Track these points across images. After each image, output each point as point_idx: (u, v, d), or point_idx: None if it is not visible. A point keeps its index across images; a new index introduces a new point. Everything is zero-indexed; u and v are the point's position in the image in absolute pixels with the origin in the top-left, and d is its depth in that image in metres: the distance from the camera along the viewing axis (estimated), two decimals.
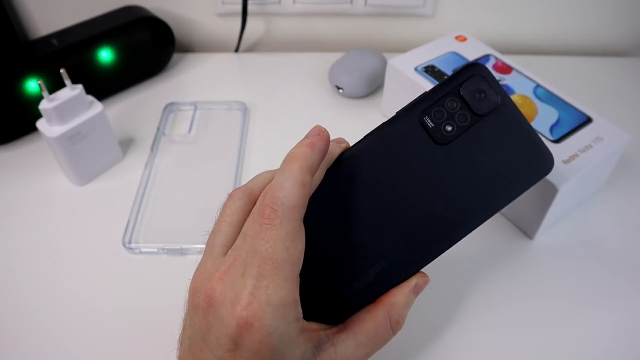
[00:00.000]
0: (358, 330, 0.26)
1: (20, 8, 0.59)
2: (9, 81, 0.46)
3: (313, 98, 0.54)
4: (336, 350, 0.25)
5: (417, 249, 0.27)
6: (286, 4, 0.59)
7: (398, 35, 0.62)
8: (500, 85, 0.28)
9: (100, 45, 0.50)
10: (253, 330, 0.23)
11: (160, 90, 0.55)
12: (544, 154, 0.28)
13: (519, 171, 0.27)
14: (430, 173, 0.27)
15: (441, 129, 0.27)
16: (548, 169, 0.28)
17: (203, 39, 0.63)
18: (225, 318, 0.23)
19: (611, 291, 0.37)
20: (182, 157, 0.48)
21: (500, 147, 0.27)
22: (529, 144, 0.27)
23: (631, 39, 0.62)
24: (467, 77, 0.28)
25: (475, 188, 0.27)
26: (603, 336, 0.35)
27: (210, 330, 0.24)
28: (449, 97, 0.27)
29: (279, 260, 0.23)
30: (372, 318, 0.26)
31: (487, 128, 0.27)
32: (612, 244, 0.41)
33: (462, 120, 0.27)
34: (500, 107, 0.27)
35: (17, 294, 0.38)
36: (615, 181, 0.44)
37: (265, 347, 0.23)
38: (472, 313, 0.36)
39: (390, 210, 0.27)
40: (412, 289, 0.27)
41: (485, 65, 0.28)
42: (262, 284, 0.23)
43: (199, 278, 0.26)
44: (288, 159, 0.25)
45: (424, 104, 0.27)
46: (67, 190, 0.45)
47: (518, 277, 0.38)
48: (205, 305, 0.24)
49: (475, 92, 0.27)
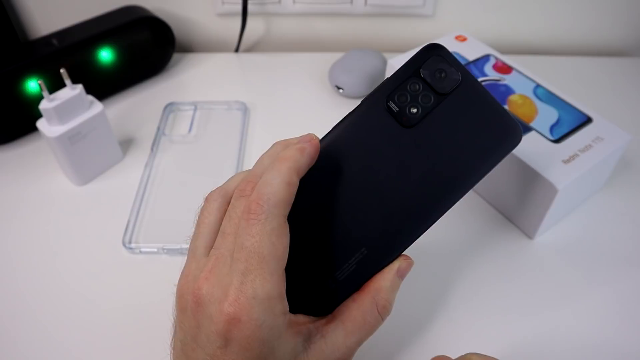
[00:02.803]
0: (346, 319, 0.26)
1: (21, 8, 0.59)
2: (9, 81, 0.46)
3: (313, 98, 0.54)
4: (326, 342, 0.26)
5: (396, 234, 0.27)
6: (286, 4, 0.59)
7: (398, 35, 0.62)
8: (460, 63, 0.28)
9: (101, 45, 0.50)
10: (241, 325, 0.23)
11: (161, 90, 0.55)
12: (511, 126, 0.28)
13: (489, 145, 0.27)
14: (401, 157, 0.27)
15: (406, 112, 0.27)
16: (517, 140, 0.28)
17: (203, 39, 0.63)
18: (214, 315, 0.23)
19: (611, 291, 0.37)
20: (182, 157, 0.48)
21: (467, 123, 0.27)
22: (495, 117, 0.27)
23: (631, 39, 0.62)
24: (426, 58, 0.28)
25: (447, 167, 0.27)
26: (603, 336, 0.35)
27: (200, 329, 0.24)
28: (411, 79, 0.28)
29: (265, 255, 0.23)
30: (359, 306, 0.27)
31: (451, 106, 0.27)
32: (612, 244, 0.41)
33: (426, 101, 0.27)
34: (462, 84, 0.27)
35: (17, 294, 0.38)
36: (615, 181, 0.44)
37: (254, 341, 0.23)
38: (472, 313, 0.36)
39: (366, 198, 0.27)
40: (396, 272, 0.27)
41: (442, 45, 0.28)
42: (248, 279, 0.23)
43: (185, 281, 0.26)
44: (278, 159, 0.25)
45: (387, 89, 0.28)
46: (67, 190, 0.45)
47: (518, 277, 0.38)
48: (193, 306, 0.24)
49: (435, 72, 0.27)
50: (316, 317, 0.27)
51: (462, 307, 0.36)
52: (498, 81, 0.45)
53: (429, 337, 0.35)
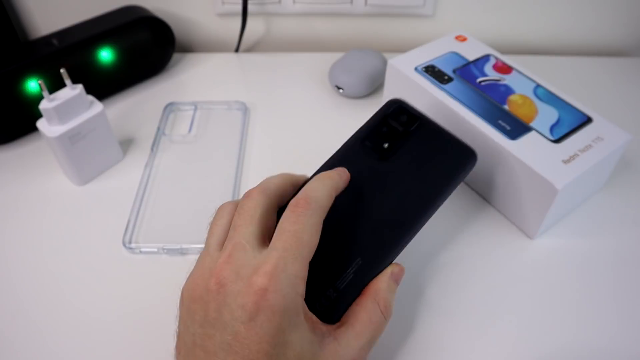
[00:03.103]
0: (354, 322, 0.28)
1: (21, 8, 0.59)
2: (9, 81, 0.46)
3: (313, 98, 0.54)
4: (339, 343, 0.27)
5: (385, 243, 0.31)
6: (286, 4, 0.59)
7: (398, 35, 0.62)
8: (416, 109, 0.35)
9: (101, 45, 0.50)
10: (268, 295, 0.24)
11: (161, 90, 0.55)
12: (467, 151, 0.34)
13: (450, 169, 0.33)
14: (382, 182, 0.33)
15: (381, 148, 0.34)
16: (473, 162, 0.34)
17: (203, 39, 0.63)
18: (242, 290, 0.25)
19: (611, 291, 0.37)
20: (182, 157, 0.48)
21: (431, 152, 0.34)
22: (453, 146, 0.34)
23: (631, 39, 0.62)
24: (390, 109, 0.36)
25: (419, 187, 0.33)
26: (603, 336, 0.35)
27: (222, 311, 0.25)
28: (381, 124, 0.35)
29: (304, 240, 0.26)
30: (363, 307, 0.29)
31: (415, 141, 0.34)
32: (612, 244, 0.41)
33: (396, 139, 0.34)
34: (421, 123, 0.35)
35: (17, 294, 0.38)
36: (615, 181, 0.44)
37: (278, 313, 0.24)
38: (471, 312, 0.36)
39: (357, 216, 0.32)
40: (390, 276, 0.30)
41: (401, 99, 0.36)
42: (283, 256, 0.25)
43: (199, 273, 0.27)
44: (321, 175, 0.30)
45: (363, 133, 0.35)
46: (67, 190, 0.45)
47: (518, 277, 0.38)
48: (215, 288, 0.25)
49: (399, 117, 0.35)
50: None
51: (461, 306, 0.36)
52: (498, 81, 0.45)
53: (428, 337, 0.35)
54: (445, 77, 0.45)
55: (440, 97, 0.43)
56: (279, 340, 0.24)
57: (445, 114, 0.43)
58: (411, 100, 0.47)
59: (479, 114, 0.42)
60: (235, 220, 0.28)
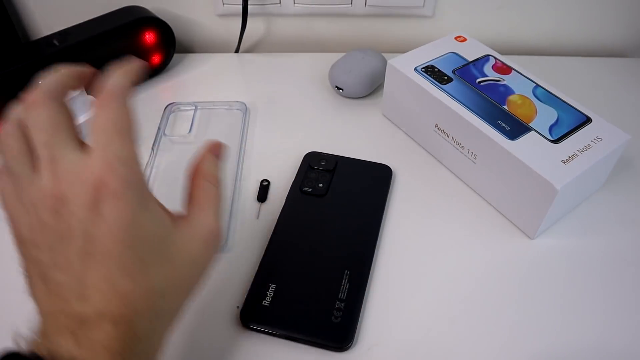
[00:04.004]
0: (194, 201, 0.30)
1: (22, 8, 0.59)
2: (10, 81, 0.46)
3: (313, 98, 0.54)
4: (190, 221, 0.28)
5: (360, 251, 0.39)
6: (286, 5, 0.59)
7: (398, 36, 0.62)
8: (328, 154, 0.46)
9: (101, 46, 0.50)
10: (106, 183, 0.24)
11: (161, 90, 0.56)
12: (382, 169, 0.45)
13: (378, 183, 0.44)
14: (332, 212, 0.42)
15: (318, 189, 0.43)
16: (390, 175, 0.45)
17: (204, 39, 0.63)
18: (81, 191, 0.24)
19: (611, 291, 0.38)
20: (182, 157, 0.47)
21: (358, 178, 0.44)
22: (370, 169, 0.45)
23: (631, 39, 0.63)
24: (310, 159, 0.46)
25: (363, 204, 0.42)
26: (603, 336, 0.35)
27: (70, 218, 0.24)
28: (309, 171, 0.45)
29: (122, 122, 0.26)
30: (196, 187, 0.30)
31: (340, 175, 0.44)
32: (612, 244, 0.41)
33: (325, 178, 0.44)
34: (339, 162, 0.45)
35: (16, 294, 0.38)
36: (615, 181, 0.44)
37: (120, 198, 0.24)
38: (471, 312, 0.36)
39: (330, 242, 0.39)
40: (209, 153, 0.32)
41: (314, 151, 0.46)
42: (108, 142, 0.25)
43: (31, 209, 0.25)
44: (115, 69, 0.29)
45: (299, 183, 0.43)
46: None
47: (518, 277, 0.38)
48: (54, 207, 0.24)
49: (319, 162, 0.45)
50: (340, 339, 0.33)
51: (461, 306, 0.37)
52: (497, 82, 0.45)
53: (428, 336, 0.35)
54: (445, 77, 0.45)
55: (440, 97, 0.43)
56: (131, 224, 0.24)
57: (445, 114, 0.43)
58: (411, 100, 0.47)
59: (478, 114, 0.42)
60: (38, 137, 0.25)
